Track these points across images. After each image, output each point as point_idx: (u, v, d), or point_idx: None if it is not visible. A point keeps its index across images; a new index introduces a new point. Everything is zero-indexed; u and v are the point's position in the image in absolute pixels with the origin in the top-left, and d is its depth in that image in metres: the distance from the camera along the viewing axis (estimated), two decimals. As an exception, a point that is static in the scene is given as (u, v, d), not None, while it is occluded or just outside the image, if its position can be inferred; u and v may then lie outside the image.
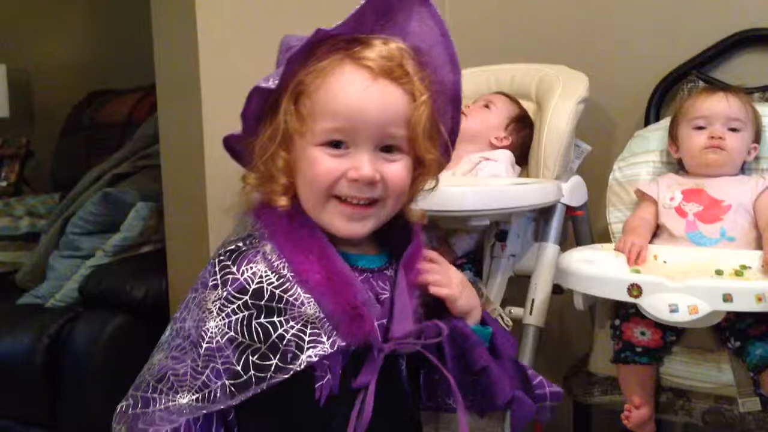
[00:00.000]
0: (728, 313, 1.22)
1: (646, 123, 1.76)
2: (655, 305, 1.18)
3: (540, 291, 1.50)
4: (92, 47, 3.27)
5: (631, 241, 1.35)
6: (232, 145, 0.95)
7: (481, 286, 1.56)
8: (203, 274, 0.89)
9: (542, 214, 1.57)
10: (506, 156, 1.63)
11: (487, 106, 1.69)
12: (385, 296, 0.91)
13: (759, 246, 1.37)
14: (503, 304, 1.55)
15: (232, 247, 0.89)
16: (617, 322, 1.36)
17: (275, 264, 0.87)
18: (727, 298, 1.15)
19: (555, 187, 1.50)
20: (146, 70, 1.77)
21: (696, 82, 1.70)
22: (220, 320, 0.85)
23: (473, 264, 1.60)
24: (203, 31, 1.52)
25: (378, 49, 0.87)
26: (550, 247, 1.54)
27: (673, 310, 1.17)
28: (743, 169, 1.51)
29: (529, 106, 1.75)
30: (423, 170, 0.93)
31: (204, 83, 1.52)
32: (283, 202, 0.88)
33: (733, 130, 1.46)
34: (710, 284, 1.17)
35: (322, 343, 0.84)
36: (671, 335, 1.33)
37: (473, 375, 0.94)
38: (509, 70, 1.82)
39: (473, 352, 0.94)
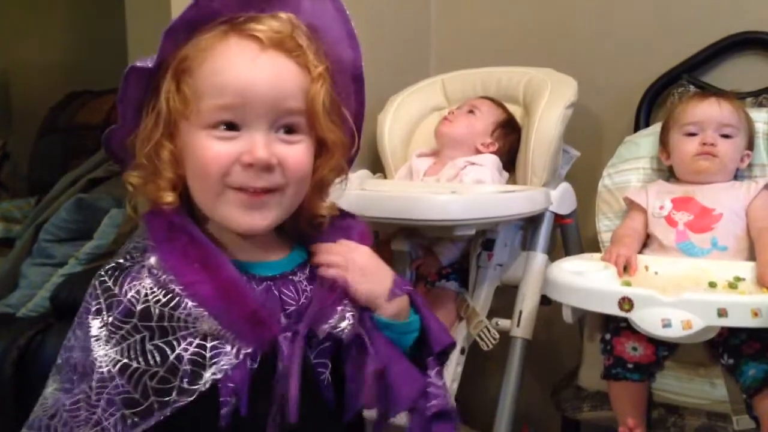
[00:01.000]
0: (722, 327, 1.17)
1: (636, 128, 1.73)
2: (647, 320, 1.13)
3: (528, 302, 1.46)
4: (71, 47, 3.20)
5: (616, 252, 1.30)
6: (112, 146, 0.86)
7: (467, 297, 1.51)
8: (86, 298, 0.81)
9: (530, 223, 1.52)
10: (492, 161, 1.58)
11: (471, 112, 1.64)
12: (292, 307, 0.83)
13: (752, 255, 1.33)
14: (489, 315, 1.51)
15: (113, 264, 0.81)
16: (607, 336, 1.31)
17: (161, 278, 0.78)
18: (721, 312, 1.10)
19: (543, 194, 1.45)
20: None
21: (687, 86, 1.67)
22: (109, 348, 0.77)
23: (459, 274, 1.55)
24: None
25: (267, 22, 0.80)
26: (539, 257, 1.50)
27: (666, 325, 1.12)
28: (735, 177, 1.47)
29: (516, 110, 1.70)
30: (327, 154, 0.86)
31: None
32: (169, 198, 0.80)
33: (726, 136, 1.42)
34: (704, 298, 1.13)
35: (227, 354, 0.77)
36: (664, 350, 1.29)
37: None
38: (495, 73, 1.78)
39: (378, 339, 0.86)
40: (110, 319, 0.78)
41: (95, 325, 0.78)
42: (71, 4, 3.25)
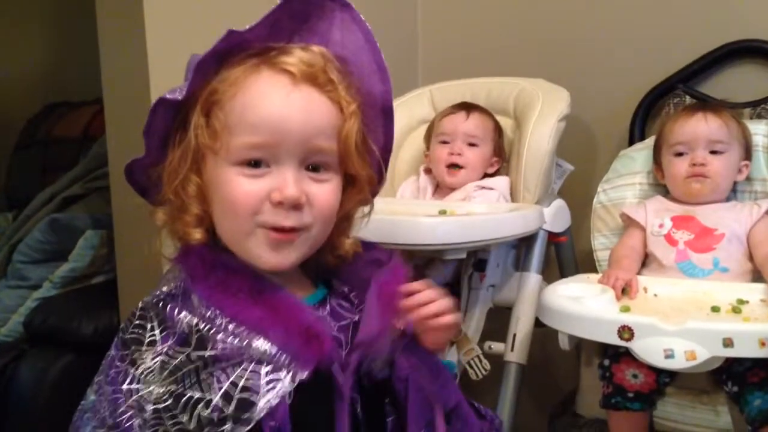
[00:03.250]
0: (727, 356, 1.12)
1: (631, 139, 1.68)
2: (649, 350, 1.08)
3: (522, 325, 1.40)
4: (49, 57, 3.13)
5: (615, 275, 1.25)
6: (136, 176, 0.84)
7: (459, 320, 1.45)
8: (128, 329, 0.78)
9: (523, 242, 1.47)
10: (504, 184, 1.53)
11: (472, 144, 1.56)
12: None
13: (753, 278, 1.29)
14: (482, 338, 1.45)
15: (162, 297, 0.79)
16: (606, 362, 1.26)
17: (207, 315, 0.76)
18: (727, 342, 1.04)
19: (536, 213, 1.40)
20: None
21: (682, 96, 1.62)
22: (164, 378, 0.75)
23: (450, 296, 1.48)
24: (153, 49, 1.41)
25: (298, 54, 0.78)
26: (533, 277, 1.44)
27: (669, 355, 1.06)
28: (734, 191, 1.42)
29: (506, 123, 1.65)
30: (354, 191, 0.84)
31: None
32: (197, 235, 0.78)
33: (716, 152, 1.36)
34: (709, 327, 1.07)
35: (280, 380, 0.74)
36: (665, 377, 1.24)
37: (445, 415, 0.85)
38: (485, 83, 1.72)
39: (445, 388, 0.86)
40: (164, 348, 0.76)
41: (149, 357, 0.76)
42: (47, 15, 3.18)
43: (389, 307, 0.82)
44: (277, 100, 0.76)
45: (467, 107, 1.60)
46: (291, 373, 0.74)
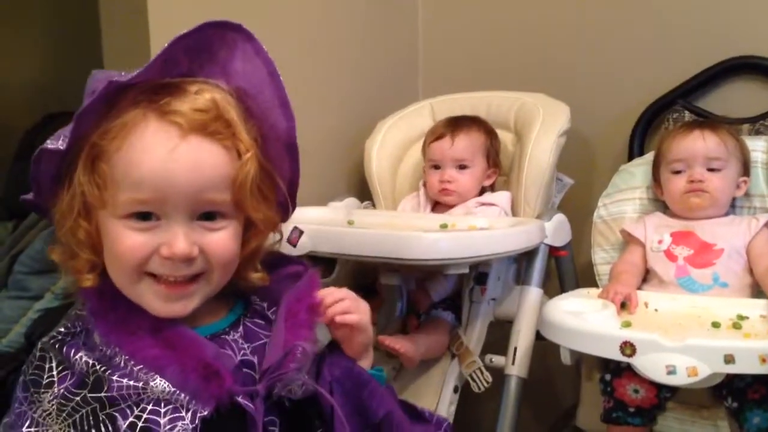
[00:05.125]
0: (727, 372, 1.13)
1: (630, 154, 1.69)
2: (651, 366, 1.08)
3: (523, 339, 1.41)
4: (49, 68, 3.13)
5: (614, 290, 1.26)
6: (34, 209, 0.84)
7: (461, 333, 1.46)
8: (29, 370, 0.77)
9: (524, 255, 1.47)
10: (506, 199, 1.54)
11: (462, 167, 1.56)
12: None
13: (753, 292, 1.30)
14: (483, 351, 1.46)
15: (59, 336, 0.78)
16: (608, 377, 1.26)
17: (107, 353, 0.74)
18: (728, 359, 1.05)
19: (537, 228, 1.40)
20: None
21: (682, 112, 1.63)
22: (62, 420, 0.73)
23: (452, 310, 1.49)
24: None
25: (190, 100, 0.74)
26: (533, 291, 1.45)
27: (671, 371, 1.07)
28: (733, 206, 1.43)
29: (507, 137, 1.66)
30: (255, 231, 0.82)
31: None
32: (89, 282, 0.76)
33: (714, 170, 1.38)
34: (710, 344, 1.08)
35: (182, 419, 0.72)
36: (666, 392, 1.24)
37: (371, 428, 0.83)
38: (486, 97, 1.73)
39: (373, 399, 0.83)
40: (61, 391, 0.74)
41: (46, 399, 0.74)
42: (47, 23, 3.17)
43: (297, 325, 0.80)
44: (161, 156, 0.72)
45: (453, 128, 1.58)
46: (191, 411, 0.73)
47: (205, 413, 0.73)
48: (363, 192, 1.73)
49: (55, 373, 0.75)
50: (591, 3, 1.80)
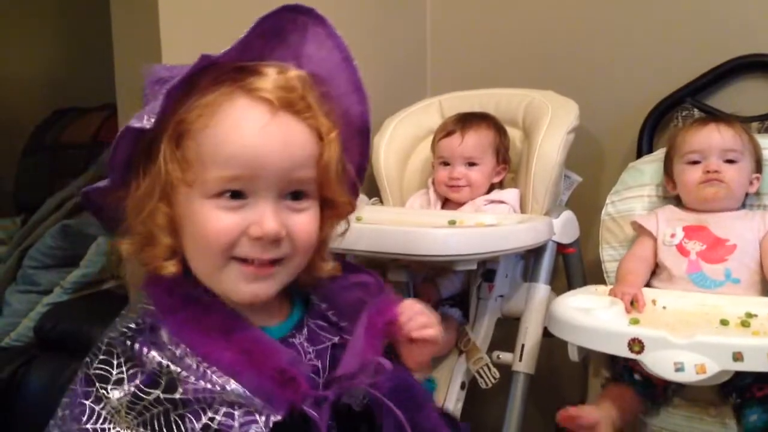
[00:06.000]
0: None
1: (639, 152, 1.68)
2: (659, 363, 1.08)
3: (530, 336, 1.41)
4: (58, 63, 3.14)
5: (621, 291, 1.25)
6: (95, 201, 0.79)
7: (468, 329, 1.46)
8: (93, 364, 0.74)
9: (532, 252, 1.47)
10: (514, 196, 1.54)
11: (471, 164, 1.56)
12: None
13: (765, 289, 1.29)
14: (490, 348, 1.46)
15: (128, 332, 0.74)
16: (626, 374, 1.26)
17: (177, 353, 0.72)
18: (737, 356, 1.05)
19: (546, 225, 1.40)
20: (114, 86, 1.66)
21: (691, 110, 1.62)
22: (131, 419, 0.71)
23: (459, 307, 1.50)
24: (168, 53, 1.40)
25: (273, 79, 0.73)
26: (541, 288, 1.45)
27: (679, 368, 1.07)
28: (744, 205, 1.43)
29: (515, 134, 1.66)
30: (332, 215, 0.81)
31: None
32: (172, 268, 0.73)
33: (730, 161, 1.37)
34: (718, 341, 1.07)
35: (256, 422, 0.71)
36: (674, 384, 1.24)
37: None
38: (494, 95, 1.73)
39: (422, 411, 0.82)
40: (132, 388, 0.71)
41: (115, 396, 0.71)
42: (57, 19, 3.20)
43: (374, 337, 0.80)
44: (253, 131, 0.71)
45: (462, 125, 1.58)
46: (265, 417, 0.72)
47: (279, 418, 0.72)
48: (371, 188, 1.73)
49: (124, 369, 0.72)
50: (600, 0, 1.79)
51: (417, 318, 0.83)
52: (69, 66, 3.07)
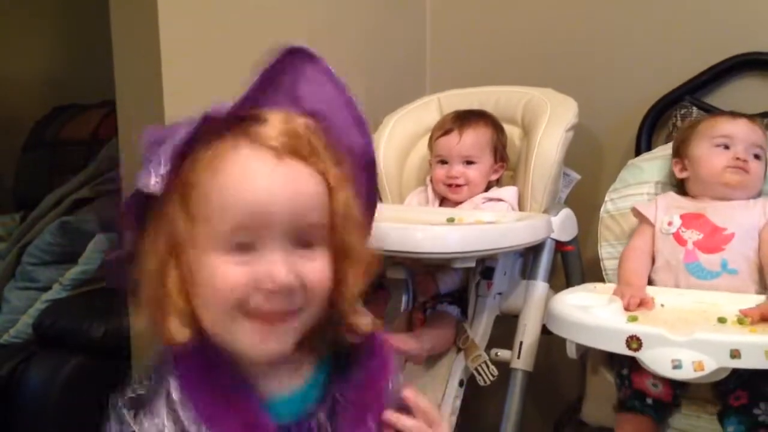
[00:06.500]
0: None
1: (638, 149, 1.69)
2: (657, 360, 1.08)
3: (529, 333, 1.42)
4: (57, 60, 3.14)
5: (630, 295, 1.24)
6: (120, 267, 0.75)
7: (467, 327, 1.47)
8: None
9: (530, 250, 1.48)
10: (512, 194, 1.54)
11: (469, 162, 1.56)
12: None
13: (762, 280, 1.29)
14: (489, 345, 1.47)
15: (132, 394, 0.71)
16: (625, 371, 1.26)
17: (180, 414, 0.69)
18: (734, 354, 1.05)
19: (544, 222, 1.41)
20: (113, 83, 1.66)
21: (689, 108, 1.63)
22: None
23: (458, 304, 1.50)
24: (167, 50, 1.41)
25: (278, 126, 0.71)
26: (539, 286, 1.46)
27: (676, 366, 1.07)
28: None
29: (514, 131, 1.66)
30: (351, 262, 0.75)
31: (167, 104, 1.41)
32: (181, 336, 0.69)
33: (756, 156, 1.38)
34: (717, 338, 1.08)
35: None
36: (677, 387, 1.24)
37: None
38: (494, 92, 1.73)
39: None
40: None
41: None
42: (56, 17, 3.19)
43: (367, 421, 0.74)
44: (260, 179, 0.68)
45: (460, 123, 1.58)
46: None
47: None
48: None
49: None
50: (600, -2, 1.80)
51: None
52: (69, 63, 3.07)
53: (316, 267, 0.71)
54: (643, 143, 1.69)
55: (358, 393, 0.75)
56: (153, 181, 0.69)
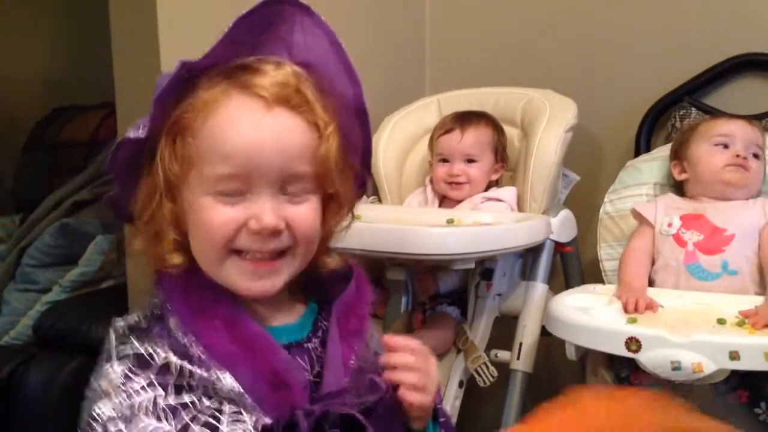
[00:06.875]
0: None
1: (637, 150, 1.69)
2: (656, 362, 1.09)
3: (528, 334, 1.42)
4: (57, 61, 3.14)
5: (634, 299, 1.23)
6: (117, 206, 0.81)
7: (466, 328, 1.47)
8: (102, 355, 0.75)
9: (530, 251, 1.48)
10: (511, 194, 1.54)
11: (470, 161, 1.57)
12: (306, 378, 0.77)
13: (763, 280, 1.29)
14: (488, 346, 1.47)
15: (131, 322, 0.75)
16: (624, 373, 1.26)
17: (182, 342, 0.72)
18: (733, 355, 1.05)
19: (544, 223, 1.41)
20: (113, 84, 1.66)
21: (689, 108, 1.63)
22: (119, 401, 0.70)
23: (458, 305, 1.50)
24: (166, 51, 1.42)
25: (271, 76, 0.74)
26: (539, 287, 1.46)
27: (676, 367, 1.07)
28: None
29: (514, 133, 1.66)
30: (335, 207, 0.81)
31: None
32: (176, 260, 0.75)
33: (755, 156, 1.39)
34: (716, 340, 1.08)
35: (244, 422, 0.71)
36: (678, 388, 1.23)
37: None
38: (493, 93, 1.73)
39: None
40: (125, 368, 0.71)
41: (109, 377, 0.72)
42: (56, 17, 3.19)
43: (354, 340, 0.80)
44: (248, 127, 0.72)
45: (462, 122, 1.59)
46: (255, 419, 0.72)
47: (268, 421, 0.72)
48: (369, 187, 1.74)
49: (118, 350, 0.73)
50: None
51: (408, 375, 0.77)
52: (68, 64, 3.07)
53: (302, 210, 0.76)
54: (642, 144, 1.69)
55: (343, 321, 0.80)
56: (141, 129, 0.74)
